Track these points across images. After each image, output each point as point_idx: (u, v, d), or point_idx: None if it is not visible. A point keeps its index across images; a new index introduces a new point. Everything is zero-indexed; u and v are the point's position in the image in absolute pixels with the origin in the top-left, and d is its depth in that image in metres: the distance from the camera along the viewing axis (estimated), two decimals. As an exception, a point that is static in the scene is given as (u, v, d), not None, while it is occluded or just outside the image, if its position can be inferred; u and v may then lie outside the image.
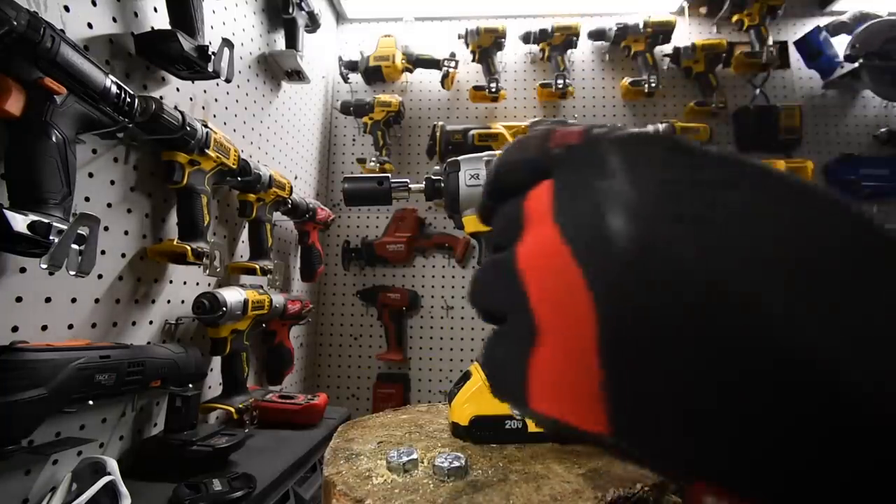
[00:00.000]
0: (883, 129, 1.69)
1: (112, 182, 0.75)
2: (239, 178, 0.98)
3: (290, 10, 1.30)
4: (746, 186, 0.14)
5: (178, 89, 0.90)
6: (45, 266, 0.54)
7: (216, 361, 1.00)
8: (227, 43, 0.89)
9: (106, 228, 0.73)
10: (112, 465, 0.62)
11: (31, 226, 0.51)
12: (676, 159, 0.15)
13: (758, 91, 1.72)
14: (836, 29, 1.66)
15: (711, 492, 0.13)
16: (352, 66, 1.74)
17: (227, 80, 0.91)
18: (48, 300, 0.63)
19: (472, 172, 0.54)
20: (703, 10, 1.79)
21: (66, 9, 0.66)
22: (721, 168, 0.14)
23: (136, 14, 0.79)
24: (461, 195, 0.55)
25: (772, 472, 0.12)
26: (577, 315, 0.14)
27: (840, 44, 1.64)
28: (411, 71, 1.77)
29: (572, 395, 0.14)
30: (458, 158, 0.56)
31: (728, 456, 0.12)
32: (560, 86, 1.68)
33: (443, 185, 0.57)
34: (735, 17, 1.72)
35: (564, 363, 0.15)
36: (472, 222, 0.56)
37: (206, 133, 0.83)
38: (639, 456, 0.14)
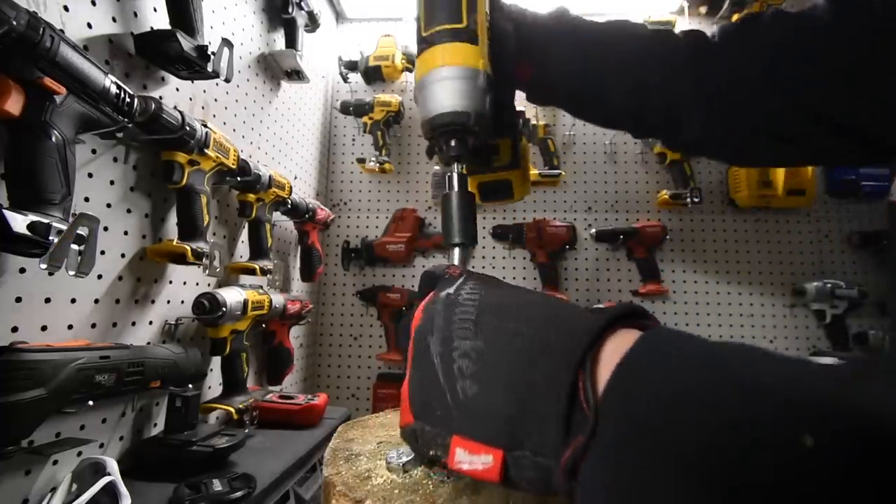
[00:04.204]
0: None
1: (112, 182, 0.75)
2: (238, 178, 0.98)
3: (290, 10, 1.30)
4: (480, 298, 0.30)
5: (177, 89, 0.90)
6: (44, 266, 0.53)
7: (216, 361, 1.00)
8: (226, 43, 0.89)
9: (105, 228, 0.73)
10: (112, 465, 0.62)
11: (30, 226, 0.51)
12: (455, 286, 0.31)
13: (758, 91, 1.72)
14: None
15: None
16: (352, 66, 1.74)
17: (227, 80, 0.91)
18: (48, 300, 0.63)
19: None
20: (703, 10, 1.79)
21: (66, 9, 0.66)
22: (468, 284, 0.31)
23: (135, 14, 0.79)
24: None
25: None
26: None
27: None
28: (411, 71, 1.77)
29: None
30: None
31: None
32: (560, 85, 1.67)
33: None
34: (735, 17, 1.72)
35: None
36: None
37: (206, 133, 0.83)
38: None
